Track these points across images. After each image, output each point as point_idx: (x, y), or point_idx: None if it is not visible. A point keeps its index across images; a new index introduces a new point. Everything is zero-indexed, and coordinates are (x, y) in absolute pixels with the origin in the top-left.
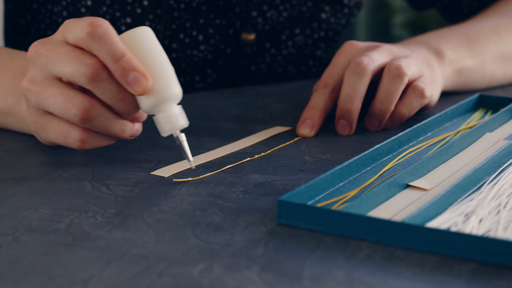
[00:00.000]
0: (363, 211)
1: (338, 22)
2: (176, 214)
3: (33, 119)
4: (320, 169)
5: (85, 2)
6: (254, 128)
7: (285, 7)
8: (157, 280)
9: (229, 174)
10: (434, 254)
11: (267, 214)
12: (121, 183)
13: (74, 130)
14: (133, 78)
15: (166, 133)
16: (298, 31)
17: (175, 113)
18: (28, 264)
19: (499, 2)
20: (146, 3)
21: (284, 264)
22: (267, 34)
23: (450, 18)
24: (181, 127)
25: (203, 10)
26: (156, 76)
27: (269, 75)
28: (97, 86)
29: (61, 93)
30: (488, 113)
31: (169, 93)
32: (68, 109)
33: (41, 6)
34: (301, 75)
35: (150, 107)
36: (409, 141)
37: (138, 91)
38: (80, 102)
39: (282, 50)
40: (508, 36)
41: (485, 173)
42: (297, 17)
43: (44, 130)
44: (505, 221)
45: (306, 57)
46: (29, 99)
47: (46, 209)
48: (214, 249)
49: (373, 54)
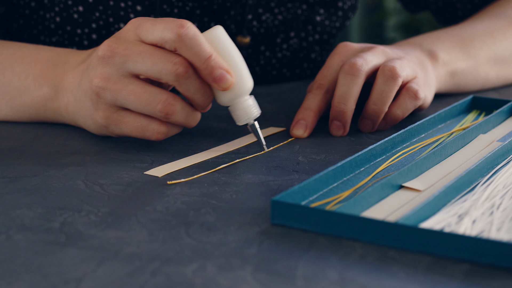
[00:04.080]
0: (357, 212)
1: (333, 25)
2: (169, 214)
3: (106, 115)
4: (314, 170)
5: (77, 8)
6: (247, 129)
7: (280, 10)
8: (150, 279)
9: (223, 174)
10: (427, 254)
11: (260, 214)
12: (115, 183)
13: (153, 123)
14: (220, 75)
15: (242, 123)
16: (293, 34)
17: (250, 104)
18: (21, 262)
19: (492, 5)
20: (140, 8)
21: (278, 264)
22: (262, 37)
23: (444, 21)
24: (255, 117)
25: (197, 14)
26: (234, 72)
27: (263, 77)
28: (183, 82)
29: (143, 90)
30: (481, 115)
31: (245, 87)
32: (153, 106)
33: (33, 12)
34: (295, 78)
35: (229, 100)
36: (402, 142)
37: (224, 87)
38: (165, 99)
39: (277, 53)
40: (502, 38)
41: (478, 175)
42: (292, 20)
43: (118, 125)
44: (498, 222)
45: (301, 60)
46: (103, 96)
47: (39, 208)
48: (207, 248)
49: (367, 56)
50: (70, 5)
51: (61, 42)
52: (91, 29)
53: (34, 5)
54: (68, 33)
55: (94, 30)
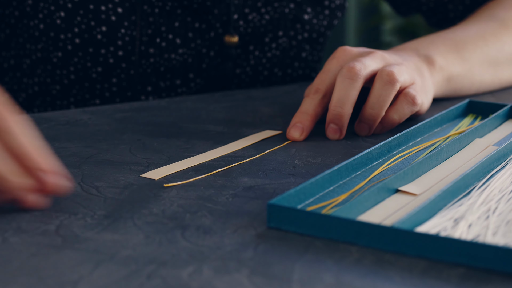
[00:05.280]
0: (353, 215)
1: (321, 24)
2: (165, 217)
3: None
4: (310, 173)
5: (59, 13)
6: (244, 132)
7: (267, 10)
8: (146, 282)
9: (219, 178)
10: (423, 258)
11: (256, 218)
12: (111, 185)
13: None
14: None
15: None
16: (282, 33)
17: None
18: (17, 265)
19: (483, 7)
20: (121, 10)
21: (274, 267)
22: (250, 37)
23: (436, 23)
24: None
25: (178, 13)
26: None
27: (255, 78)
28: None
29: None
30: (477, 119)
31: None
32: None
33: (18, 21)
34: (288, 77)
35: None
36: (399, 146)
37: None
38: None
39: (266, 52)
40: (494, 40)
41: (474, 179)
42: (280, 19)
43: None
44: (494, 227)
45: (291, 58)
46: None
47: (35, 210)
48: (203, 251)
49: (366, 60)
50: (52, 10)
51: (46, 49)
52: (74, 34)
53: (18, 14)
54: (52, 39)
55: (77, 35)
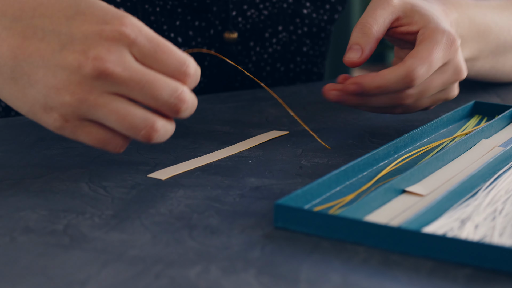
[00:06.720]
0: (360, 216)
1: (321, 18)
2: (173, 217)
3: (66, 118)
4: (317, 174)
5: None
6: (250, 132)
7: (265, 5)
8: (154, 282)
9: (226, 178)
10: (430, 259)
11: (263, 218)
12: (118, 185)
13: (117, 138)
14: None
15: None
16: (281, 28)
17: None
18: (25, 265)
19: None
20: (122, 10)
21: (281, 267)
22: (250, 33)
23: None
24: None
25: (178, 12)
26: None
27: (257, 74)
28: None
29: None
30: (483, 120)
31: None
32: (137, 130)
33: None
34: (291, 73)
35: None
36: (405, 147)
37: None
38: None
39: (267, 48)
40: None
41: (480, 180)
42: (279, 14)
43: (75, 132)
44: (500, 227)
45: (293, 53)
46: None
47: (43, 210)
48: (211, 251)
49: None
50: None
51: None
52: None
53: None
54: None
55: None
